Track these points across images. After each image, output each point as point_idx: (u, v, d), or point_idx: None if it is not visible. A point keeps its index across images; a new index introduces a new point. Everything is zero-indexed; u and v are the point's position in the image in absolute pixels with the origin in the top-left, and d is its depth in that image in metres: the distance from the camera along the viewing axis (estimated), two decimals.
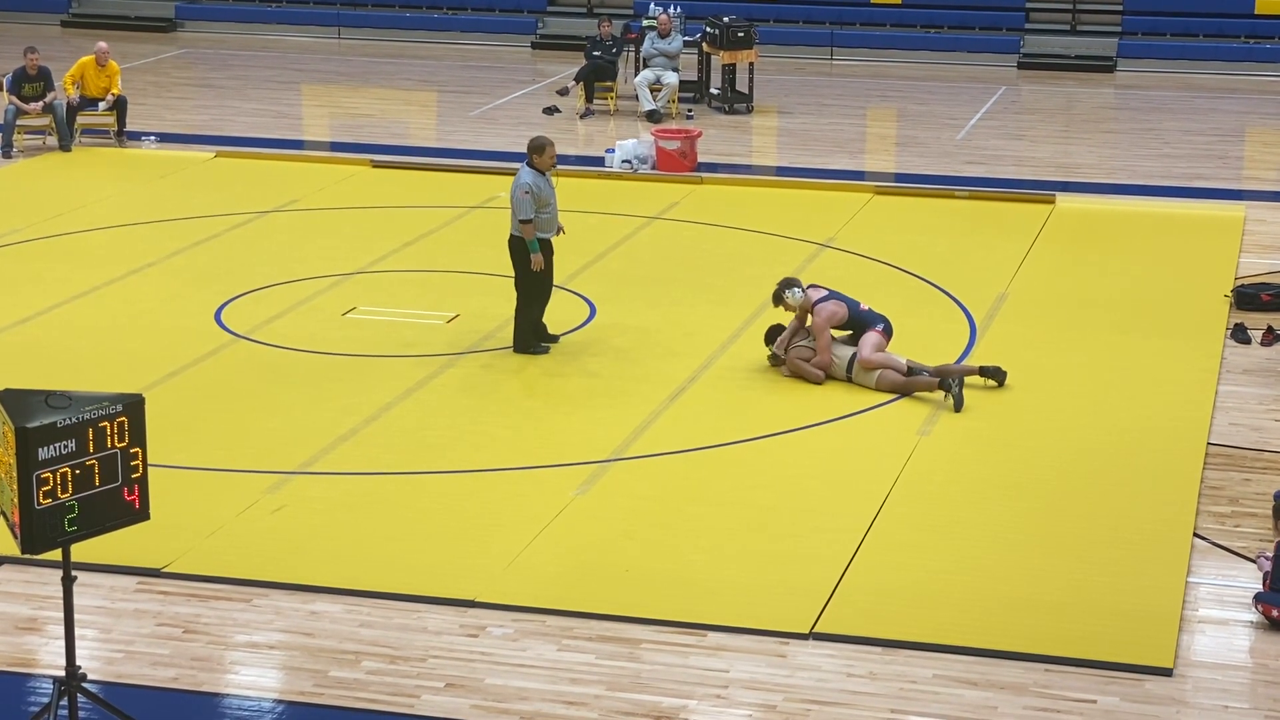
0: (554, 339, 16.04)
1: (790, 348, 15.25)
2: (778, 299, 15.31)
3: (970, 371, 14.97)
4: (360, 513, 12.57)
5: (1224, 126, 26.31)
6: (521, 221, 15.53)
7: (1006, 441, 13.99)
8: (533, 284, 15.73)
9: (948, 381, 14.68)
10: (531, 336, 15.82)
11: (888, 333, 15.11)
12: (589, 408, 14.69)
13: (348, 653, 10.64)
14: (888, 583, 11.51)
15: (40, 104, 23.53)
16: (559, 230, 15.92)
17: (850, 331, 15.20)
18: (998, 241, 19.68)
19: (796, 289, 15.26)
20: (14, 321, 16.60)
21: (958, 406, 14.50)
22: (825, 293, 15.37)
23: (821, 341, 15.05)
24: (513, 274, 15.81)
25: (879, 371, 14.86)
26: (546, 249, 15.72)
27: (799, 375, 15.14)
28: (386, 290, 17.75)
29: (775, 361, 15.36)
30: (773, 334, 15.49)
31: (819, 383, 15.00)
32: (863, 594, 11.35)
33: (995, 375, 14.98)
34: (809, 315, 15.26)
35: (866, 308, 15.33)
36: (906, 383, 14.81)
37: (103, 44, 24.37)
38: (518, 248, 15.71)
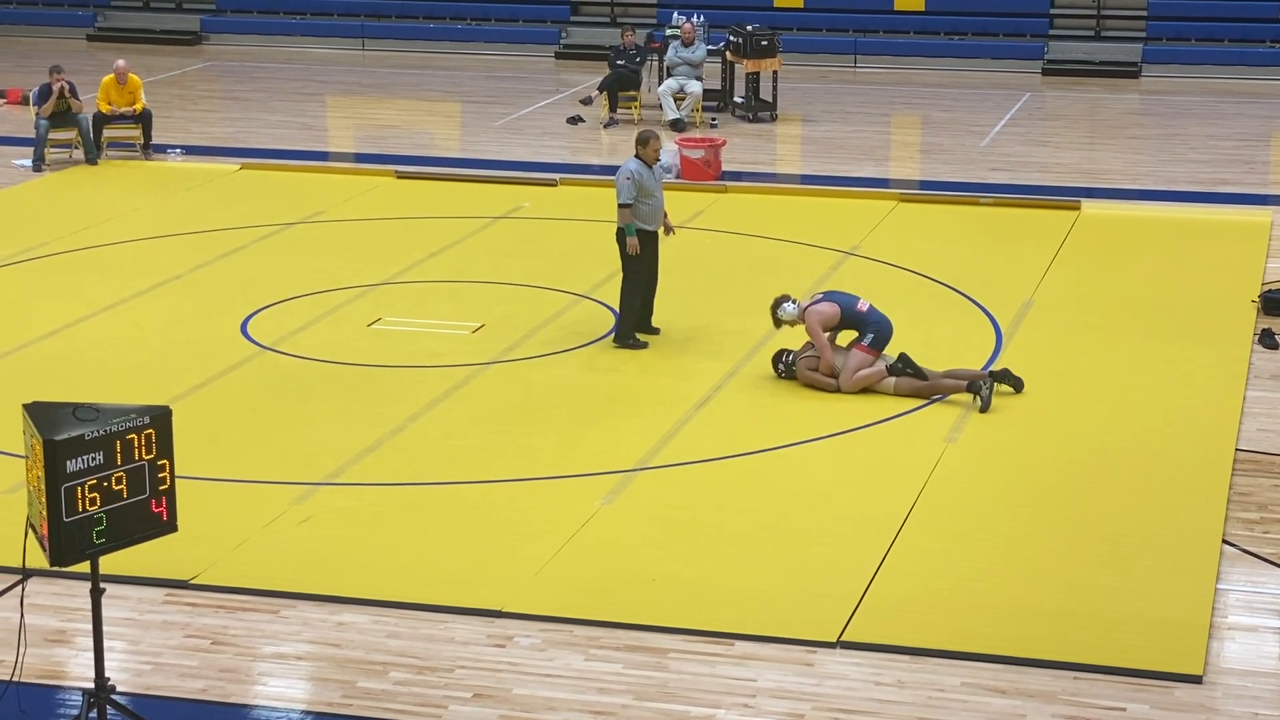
0: (654, 330, 16.35)
1: (798, 360, 15.19)
2: (776, 321, 15.33)
3: (958, 389, 14.85)
4: (387, 523, 12.58)
5: (1249, 131, 26.24)
6: (620, 205, 15.97)
7: (1034, 448, 13.96)
8: (633, 273, 16.11)
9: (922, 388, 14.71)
10: (632, 330, 16.15)
11: (877, 344, 14.94)
12: (614, 417, 14.69)
13: (375, 663, 10.64)
14: (915, 591, 11.49)
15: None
16: (669, 230, 16.35)
17: (855, 334, 15.08)
18: (1023, 248, 19.64)
19: (788, 304, 15.21)
20: (42, 334, 16.65)
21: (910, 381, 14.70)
22: (819, 296, 15.33)
23: (818, 343, 14.99)
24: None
25: (894, 382, 14.81)
26: (650, 242, 16.14)
27: (812, 386, 15.08)
28: (412, 301, 17.77)
29: (784, 373, 15.28)
30: (777, 358, 15.42)
31: (834, 390, 14.95)
32: (890, 602, 11.32)
33: (978, 391, 14.76)
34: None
35: (866, 307, 15.14)
36: (918, 388, 14.78)
37: (120, 61, 24.40)
38: (621, 238, 16.11)
